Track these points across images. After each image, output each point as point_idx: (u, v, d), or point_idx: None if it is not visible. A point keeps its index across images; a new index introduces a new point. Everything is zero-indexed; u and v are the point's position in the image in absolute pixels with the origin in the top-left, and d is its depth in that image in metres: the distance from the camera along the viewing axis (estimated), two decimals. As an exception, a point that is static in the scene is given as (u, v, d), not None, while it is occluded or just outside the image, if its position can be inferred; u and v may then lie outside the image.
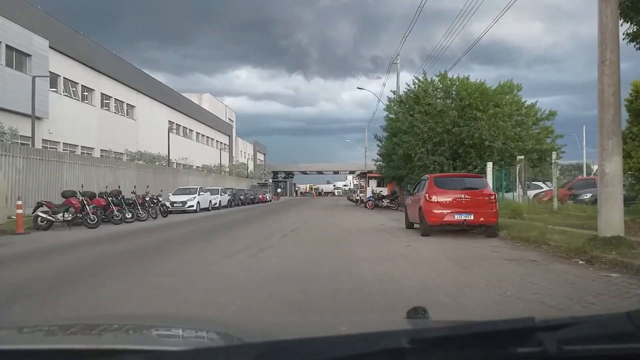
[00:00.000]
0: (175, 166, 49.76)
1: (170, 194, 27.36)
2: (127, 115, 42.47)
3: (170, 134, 51.57)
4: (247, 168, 72.95)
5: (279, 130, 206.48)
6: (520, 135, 26.51)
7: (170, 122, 51.89)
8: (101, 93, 37.65)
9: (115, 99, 39.96)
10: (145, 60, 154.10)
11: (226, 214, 24.60)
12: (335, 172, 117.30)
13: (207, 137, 65.95)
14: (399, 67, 33.76)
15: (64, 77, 32.65)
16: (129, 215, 18.65)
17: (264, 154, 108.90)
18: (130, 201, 19.65)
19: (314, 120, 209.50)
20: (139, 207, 19.61)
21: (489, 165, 24.25)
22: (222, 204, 32.06)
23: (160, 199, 22.31)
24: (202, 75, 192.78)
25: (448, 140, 26.86)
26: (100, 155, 36.39)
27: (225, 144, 75.06)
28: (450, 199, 11.57)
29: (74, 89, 34.35)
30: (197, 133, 61.44)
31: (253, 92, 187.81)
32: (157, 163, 40.28)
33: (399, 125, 28.02)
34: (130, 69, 43.11)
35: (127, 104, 42.20)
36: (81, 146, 34.69)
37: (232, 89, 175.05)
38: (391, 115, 30.22)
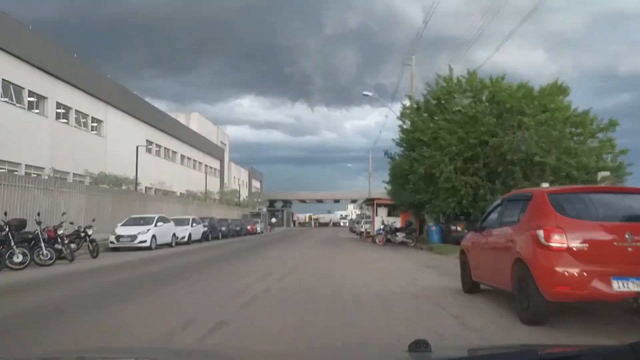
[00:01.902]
0: (153, 192, 43.48)
1: (118, 225, 20.84)
2: (92, 130, 36.27)
3: (148, 155, 45.51)
4: (239, 195, 66.43)
5: (279, 159, 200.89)
6: (576, 149, 20.24)
7: (149, 142, 45.83)
8: (57, 102, 31.52)
9: (76, 110, 33.80)
10: (147, 88, 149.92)
11: (181, 255, 17.85)
12: (336, 201, 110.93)
13: (195, 160, 59.73)
14: (414, 68, 27.70)
15: (2, 79, 26.55)
16: (18, 259, 12.16)
17: (260, 181, 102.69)
18: (30, 236, 13.20)
19: (316, 149, 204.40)
20: (42, 244, 13.10)
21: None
22: (194, 238, 25.44)
23: (90, 231, 15.81)
24: (204, 104, 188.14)
25: (483, 155, 20.53)
26: (54, 177, 30.08)
27: (215, 169, 68.85)
28: (597, 244, 5.14)
29: (18, 95, 28.22)
30: (182, 156, 55.24)
31: (255, 121, 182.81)
32: (124, 187, 33.87)
33: (418, 136, 21.71)
34: (98, 78, 37.11)
35: (92, 117, 36.04)
36: (26, 164, 28.36)
37: (233, 117, 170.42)
38: (406, 126, 23.94)
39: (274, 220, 70.65)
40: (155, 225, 20.61)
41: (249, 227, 42.57)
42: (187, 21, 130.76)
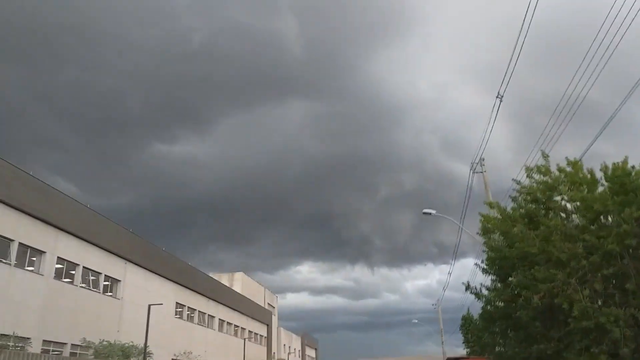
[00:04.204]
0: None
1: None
2: (106, 292, 30.60)
3: (178, 319, 38.90)
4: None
5: (339, 326, 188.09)
6: None
7: (179, 304, 39.57)
8: (58, 257, 26.47)
9: (85, 267, 28.61)
10: (211, 262, 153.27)
11: None
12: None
13: (236, 325, 52.20)
14: (486, 175, 21.27)
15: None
16: None
17: (316, 349, 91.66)
18: None
19: (377, 312, 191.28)
20: None
21: None
22: None
23: None
24: (265, 274, 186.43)
25: (635, 270, 12.73)
26: (42, 350, 23.75)
27: (262, 336, 60.51)
28: None
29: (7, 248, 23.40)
30: (221, 320, 48.09)
31: (314, 287, 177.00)
32: (132, 359, 26.87)
33: (520, 249, 14.32)
34: (114, 230, 32.53)
35: (106, 275, 30.64)
36: (2, 334, 22.21)
37: (293, 285, 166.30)
38: (494, 242, 16.63)
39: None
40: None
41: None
42: (249, 198, 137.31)
